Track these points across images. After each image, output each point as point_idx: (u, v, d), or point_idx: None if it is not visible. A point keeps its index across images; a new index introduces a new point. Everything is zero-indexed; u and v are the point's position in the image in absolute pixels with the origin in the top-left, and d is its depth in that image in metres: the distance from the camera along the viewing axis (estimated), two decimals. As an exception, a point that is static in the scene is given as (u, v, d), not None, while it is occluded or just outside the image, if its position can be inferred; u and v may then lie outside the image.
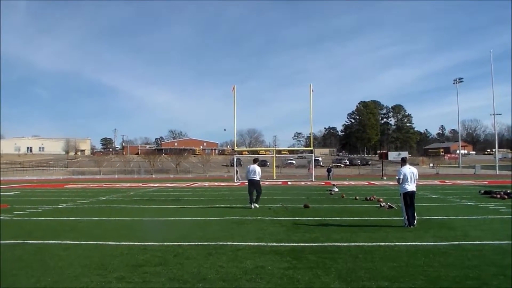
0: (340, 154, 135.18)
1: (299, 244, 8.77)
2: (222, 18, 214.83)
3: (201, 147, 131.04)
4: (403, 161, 12.04)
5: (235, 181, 43.04)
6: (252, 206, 16.16)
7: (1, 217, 13.99)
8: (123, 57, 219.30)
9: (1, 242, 9.22)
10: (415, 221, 11.05)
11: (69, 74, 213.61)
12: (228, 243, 8.87)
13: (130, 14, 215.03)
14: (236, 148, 55.22)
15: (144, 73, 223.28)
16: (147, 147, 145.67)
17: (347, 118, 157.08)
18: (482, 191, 22.49)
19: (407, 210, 11.16)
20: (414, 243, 8.65)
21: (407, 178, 11.34)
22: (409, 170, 11.44)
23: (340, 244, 8.70)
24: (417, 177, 11.49)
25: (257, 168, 16.89)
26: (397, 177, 11.70)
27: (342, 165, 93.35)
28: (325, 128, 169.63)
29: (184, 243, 8.84)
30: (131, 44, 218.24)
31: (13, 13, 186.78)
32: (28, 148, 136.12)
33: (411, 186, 11.33)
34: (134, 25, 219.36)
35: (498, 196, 19.51)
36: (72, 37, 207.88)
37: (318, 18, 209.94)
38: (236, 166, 52.94)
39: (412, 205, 11.19)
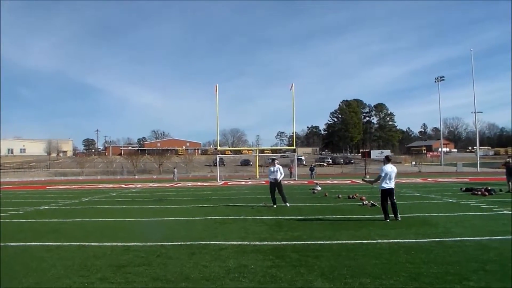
0: (323, 153, 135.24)
1: (282, 242, 8.81)
2: (207, 17, 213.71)
3: (184, 147, 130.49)
4: (387, 160, 12.26)
5: (218, 180, 42.87)
6: (276, 206, 16.30)
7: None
8: (107, 56, 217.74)
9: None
10: (399, 216, 11.53)
11: (53, 73, 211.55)
12: (211, 242, 8.87)
13: (115, 13, 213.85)
14: (219, 148, 54.81)
15: (128, 73, 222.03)
16: (130, 148, 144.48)
17: (330, 117, 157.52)
18: (464, 188, 22.79)
19: (385, 205, 11.62)
20: (396, 240, 8.72)
21: (387, 177, 11.63)
22: (390, 169, 11.71)
23: (322, 242, 8.74)
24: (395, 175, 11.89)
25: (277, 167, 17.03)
26: (378, 175, 11.94)
27: (325, 164, 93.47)
28: (307, 127, 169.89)
29: (167, 243, 8.82)
30: (116, 44, 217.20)
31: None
32: (9, 149, 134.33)
33: (389, 184, 11.65)
34: (118, 24, 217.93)
35: (479, 193, 19.77)
36: (56, 37, 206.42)
37: (303, 16, 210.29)
38: (174, 168, 53.15)
39: (393, 202, 11.63)
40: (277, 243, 8.78)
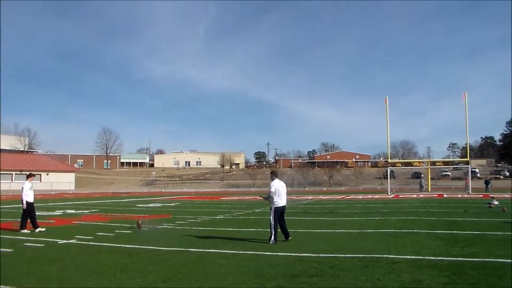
0: (499, 165, 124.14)
1: (458, 258, 8.24)
2: (380, 34, 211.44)
3: (353, 160, 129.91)
4: (274, 175, 13.01)
5: (389, 193, 41.87)
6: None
7: (166, 226, 15.12)
8: (287, 75, 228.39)
9: (159, 248, 9.92)
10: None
11: (236, 93, 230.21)
12: (384, 255, 8.60)
13: (292, 36, 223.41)
14: (389, 160, 53.38)
15: (303, 89, 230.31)
16: (300, 160, 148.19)
17: (506, 126, 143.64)
18: None
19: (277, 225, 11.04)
20: None
21: (277, 193, 12.24)
22: (279, 185, 12.54)
23: (503, 260, 7.98)
24: None
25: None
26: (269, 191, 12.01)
27: (502, 177, 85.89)
28: (481, 138, 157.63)
29: (340, 255, 8.71)
30: (294, 63, 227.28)
31: (192, 40, 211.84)
32: (186, 162, 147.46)
33: (282, 201, 12.03)
34: (297, 45, 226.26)
35: None
36: (240, 61, 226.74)
37: (477, 27, 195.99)
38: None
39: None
40: (453, 259, 8.23)
